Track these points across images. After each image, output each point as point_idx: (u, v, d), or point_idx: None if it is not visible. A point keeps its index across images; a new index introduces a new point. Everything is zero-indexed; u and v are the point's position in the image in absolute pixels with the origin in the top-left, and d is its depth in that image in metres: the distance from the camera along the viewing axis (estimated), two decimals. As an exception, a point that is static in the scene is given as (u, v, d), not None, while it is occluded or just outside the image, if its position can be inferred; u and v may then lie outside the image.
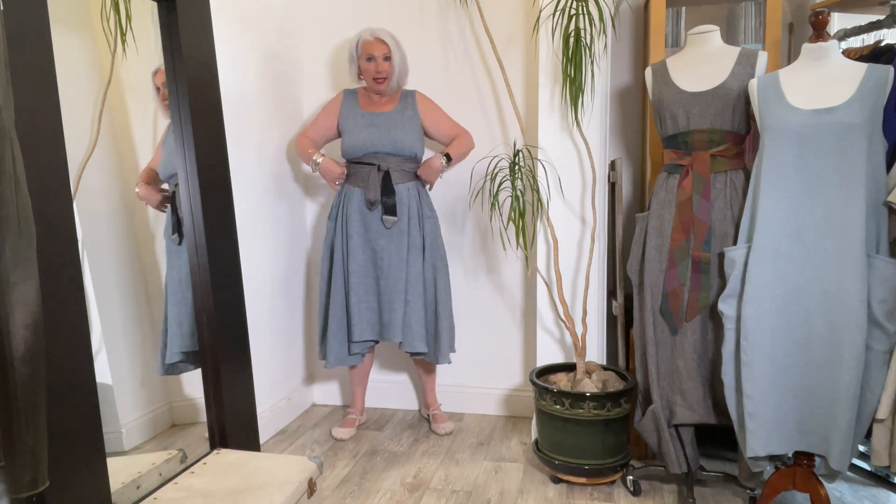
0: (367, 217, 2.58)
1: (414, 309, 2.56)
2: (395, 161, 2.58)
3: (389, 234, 2.57)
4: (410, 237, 2.58)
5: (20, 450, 1.11)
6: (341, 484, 2.30)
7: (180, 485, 1.66)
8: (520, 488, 2.26)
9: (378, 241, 2.58)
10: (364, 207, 2.57)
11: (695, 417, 2.04)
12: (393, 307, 2.56)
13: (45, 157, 1.37)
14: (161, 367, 2.08)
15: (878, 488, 2.18)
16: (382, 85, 2.57)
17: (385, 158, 2.57)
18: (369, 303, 2.60)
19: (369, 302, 2.60)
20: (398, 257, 2.56)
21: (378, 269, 2.59)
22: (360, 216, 2.58)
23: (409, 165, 2.62)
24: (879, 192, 1.75)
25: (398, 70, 2.57)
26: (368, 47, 2.53)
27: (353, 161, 2.61)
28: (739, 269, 1.88)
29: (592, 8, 2.28)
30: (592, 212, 2.44)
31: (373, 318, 2.60)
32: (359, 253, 2.58)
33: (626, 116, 2.87)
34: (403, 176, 2.60)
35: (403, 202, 2.58)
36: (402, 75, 2.61)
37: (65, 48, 1.70)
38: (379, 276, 2.59)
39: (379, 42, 2.54)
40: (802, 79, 1.84)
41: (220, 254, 2.09)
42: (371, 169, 2.57)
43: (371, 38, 2.54)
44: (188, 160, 2.00)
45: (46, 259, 1.34)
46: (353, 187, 2.60)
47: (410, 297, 2.56)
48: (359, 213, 2.58)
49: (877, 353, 1.75)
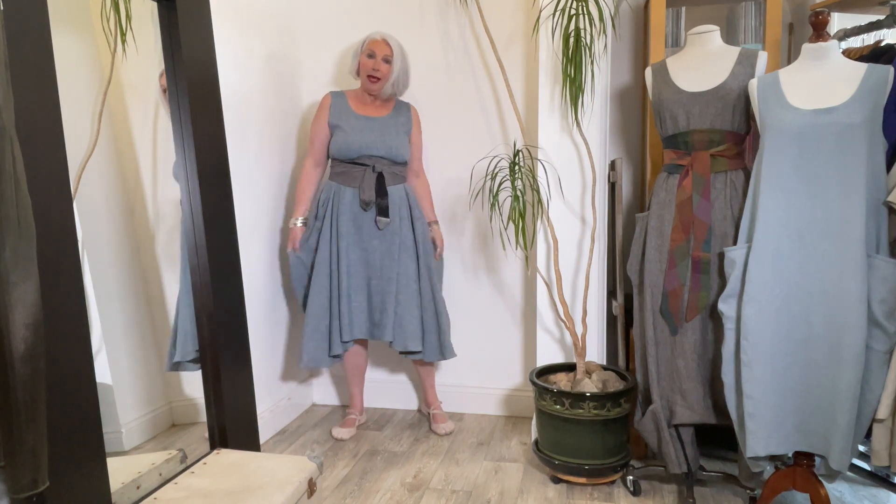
0: (359, 217, 2.58)
1: (406, 308, 2.57)
2: (386, 164, 2.60)
3: (382, 234, 2.58)
4: (402, 237, 2.60)
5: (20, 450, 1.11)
6: (341, 484, 2.30)
7: (180, 485, 1.66)
8: (520, 488, 2.26)
9: (370, 241, 2.58)
10: (356, 207, 2.58)
11: (695, 417, 2.04)
12: (384, 307, 2.56)
13: (45, 157, 1.37)
14: (168, 364, 2.09)
15: (878, 488, 2.18)
16: (375, 84, 2.57)
17: (378, 161, 2.59)
18: (359, 302, 2.60)
19: (359, 301, 2.60)
20: (390, 258, 2.58)
21: (370, 269, 2.60)
22: (352, 216, 2.58)
23: (398, 169, 2.64)
24: (879, 192, 1.75)
25: (396, 76, 2.58)
26: (373, 45, 2.56)
27: (345, 161, 2.61)
28: (739, 269, 1.88)
29: (592, 8, 2.28)
30: (592, 212, 2.44)
31: (363, 318, 2.60)
32: (350, 252, 2.59)
33: (626, 116, 2.87)
34: (393, 178, 2.62)
35: (395, 203, 2.60)
36: (398, 83, 2.62)
37: (65, 48, 1.70)
38: (370, 276, 2.60)
39: (384, 43, 2.57)
40: (802, 79, 1.84)
41: (220, 254, 2.09)
42: (366, 170, 2.58)
43: (379, 38, 2.57)
44: (188, 160, 2.00)
45: (46, 259, 1.34)
46: (343, 186, 2.60)
47: (402, 297, 2.57)
48: (350, 213, 2.58)
49: (877, 353, 1.75)
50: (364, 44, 2.58)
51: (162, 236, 2.10)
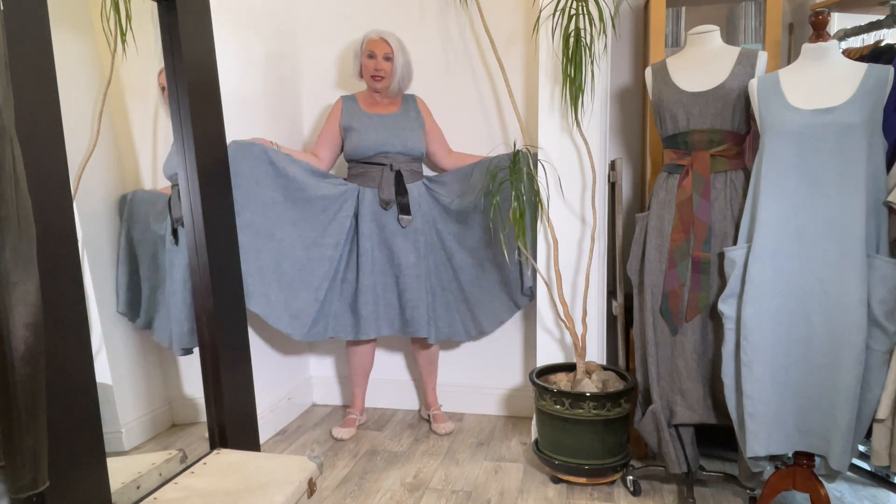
0: (380, 217, 2.60)
1: (440, 301, 2.67)
2: (403, 161, 2.62)
3: (405, 232, 2.59)
4: (426, 234, 2.64)
5: (20, 450, 1.11)
6: (341, 484, 2.30)
7: (180, 485, 1.66)
8: (520, 488, 2.26)
9: (394, 239, 2.60)
10: (377, 207, 2.59)
11: (695, 417, 2.04)
12: (416, 304, 2.59)
13: (45, 157, 1.37)
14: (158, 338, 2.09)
15: (878, 488, 2.18)
16: (380, 83, 2.58)
17: (395, 158, 2.61)
18: (388, 300, 2.63)
19: (388, 299, 2.63)
20: (416, 255, 2.60)
21: (396, 268, 2.61)
22: (373, 216, 2.60)
23: (415, 165, 2.67)
24: (879, 192, 1.75)
25: (399, 73, 2.59)
26: (371, 45, 2.57)
27: (361, 161, 2.61)
28: (739, 269, 1.88)
29: (592, 8, 2.28)
30: (592, 212, 2.44)
31: (392, 315, 2.63)
32: (374, 253, 2.61)
33: (626, 116, 2.87)
34: (412, 176, 2.65)
35: (415, 200, 2.61)
36: (403, 79, 2.64)
37: (65, 48, 1.70)
38: (398, 275, 2.61)
39: (383, 42, 2.57)
40: (802, 79, 1.84)
41: (220, 254, 2.09)
42: (383, 169, 2.59)
43: (376, 37, 2.58)
44: (188, 160, 2.00)
45: (46, 259, 1.34)
46: (363, 188, 2.61)
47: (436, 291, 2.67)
48: (371, 214, 2.59)
49: (877, 353, 1.75)
50: (363, 45, 2.59)
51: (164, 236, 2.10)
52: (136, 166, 2.03)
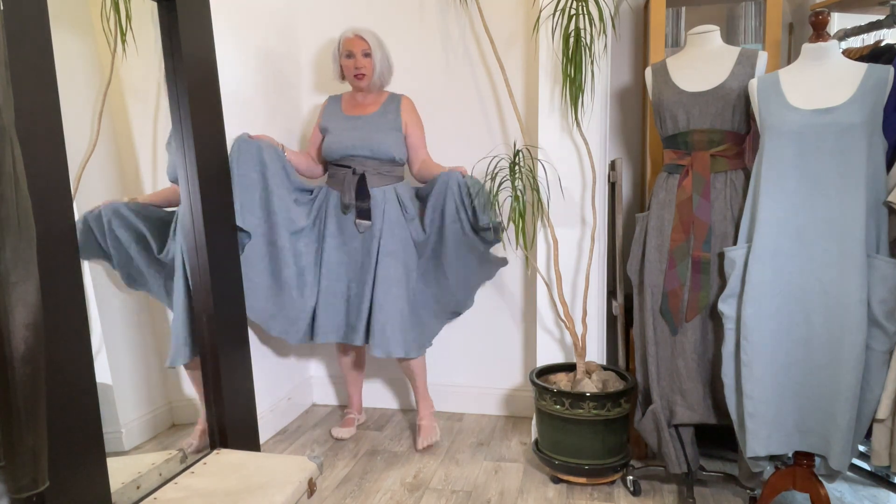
0: (342, 220, 2.55)
1: (389, 314, 2.46)
2: (372, 164, 2.54)
3: (363, 237, 2.54)
4: (382, 241, 2.51)
5: (20, 450, 1.11)
6: (341, 484, 2.30)
7: (180, 485, 1.66)
8: (520, 488, 2.26)
9: (352, 243, 2.55)
10: (339, 211, 2.56)
11: (695, 417, 2.04)
12: (360, 311, 2.51)
13: (45, 157, 1.37)
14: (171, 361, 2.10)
15: (878, 488, 2.18)
16: (363, 81, 2.54)
17: (363, 162, 2.53)
18: (336, 306, 2.56)
19: (336, 305, 2.56)
20: (369, 261, 2.51)
21: (349, 273, 2.56)
22: (336, 219, 2.56)
23: (387, 168, 2.56)
24: (879, 191, 1.75)
25: (379, 68, 2.54)
26: (348, 44, 2.52)
27: (332, 163, 2.60)
28: (739, 269, 1.88)
29: (592, 8, 2.28)
30: (592, 212, 2.44)
31: (339, 321, 2.56)
32: (332, 255, 2.56)
33: (626, 116, 2.87)
34: (381, 179, 2.55)
35: (379, 206, 2.52)
36: (383, 74, 2.58)
37: (65, 48, 1.70)
38: (350, 280, 2.56)
39: (359, 39, 2.51)
40: (802, 79, 1.84)
41: (220, 254, 2.09)
42: (347, 172, 2.55)
43: (352, 36, 2.52)
44: (188, 160, 2.00)
45: (46, 259, 1.34)
46: (331, 189, 2.59)
47: (384, 302, 2.47)
48: (335, 216, 2.56)
49: (877, 353, 1.75)
50: (340, 45, 2.54)
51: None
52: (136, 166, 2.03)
